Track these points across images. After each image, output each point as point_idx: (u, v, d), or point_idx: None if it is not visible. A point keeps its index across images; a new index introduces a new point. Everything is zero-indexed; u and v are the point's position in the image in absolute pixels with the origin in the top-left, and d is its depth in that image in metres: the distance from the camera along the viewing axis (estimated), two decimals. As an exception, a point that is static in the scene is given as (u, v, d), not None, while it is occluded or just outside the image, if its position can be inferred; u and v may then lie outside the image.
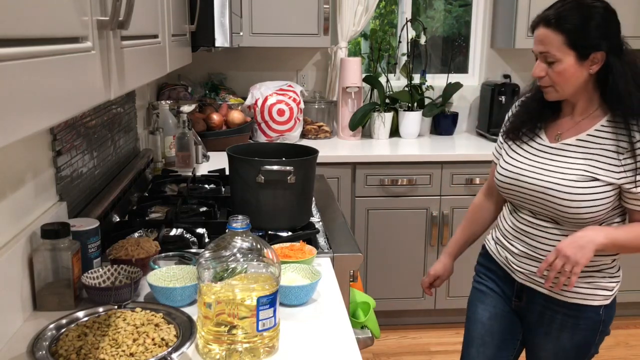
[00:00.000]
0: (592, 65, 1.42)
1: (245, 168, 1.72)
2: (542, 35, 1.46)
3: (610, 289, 1.57)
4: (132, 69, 0.97)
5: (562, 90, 1.47)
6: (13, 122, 0.53)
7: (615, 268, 1.59)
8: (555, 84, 1.46)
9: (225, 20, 1.94)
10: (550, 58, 1.43)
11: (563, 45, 1.41)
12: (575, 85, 1.45)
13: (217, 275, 1.10)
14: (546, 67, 1.45)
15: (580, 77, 1.44)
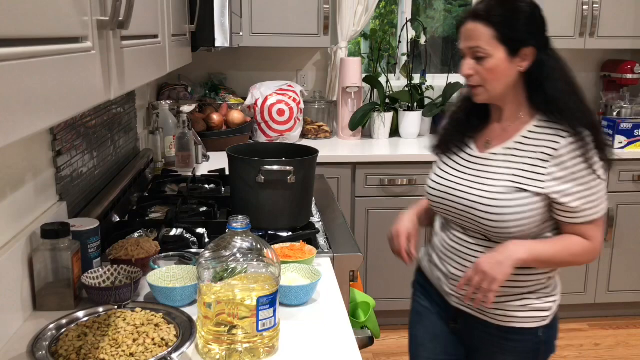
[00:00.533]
0: (522, 62, 1.35)
1: (245, 168, 1.72)
2: (471, 30, 1.36)
3: (546, 309, 1.47)
4: (132, 69, 0.97)
5: (493, 89, 1.38)
6: (13, 122, 0.53)
7: (551, 287, 1.49)
8: (486, 82, 1.37)
9: (225, 20, 1.94)
10: (480, 53, 1.35)
11: (493, 39, 1.34)
12: (506, 84, 1.37)
13: (217, 275, 1.11)
14: (475, 65, 1.37)
15: (511, 74, 1.36)
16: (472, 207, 1.39)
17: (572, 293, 3.28)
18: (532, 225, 1.37)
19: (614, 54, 3.62)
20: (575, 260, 1.41)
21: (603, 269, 3.26)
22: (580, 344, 3.11)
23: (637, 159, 3.14)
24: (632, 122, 3.18)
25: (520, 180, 1.36)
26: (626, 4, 3.27)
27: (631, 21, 3.30)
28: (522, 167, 1.36)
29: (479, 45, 1.35)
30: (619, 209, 3.20)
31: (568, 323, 3.31)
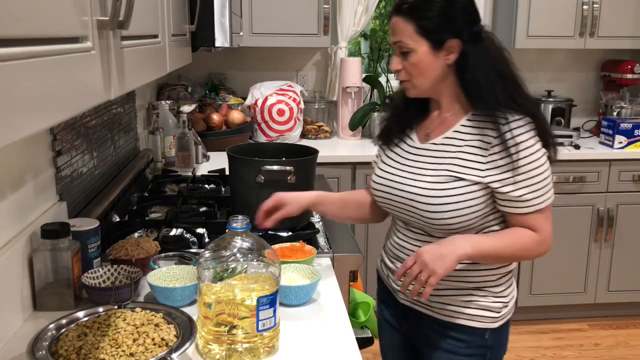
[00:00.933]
0: (449, 54, 1.32)
1: (245, 168, 1.72)
2: (395, 25, 1.34)
3: (495, 310, 1.39)
4: (132, 69, 0.97)
5: (420, 84, 1.36)
6: (13, 122, 0.53)
7: (502, 287, 1.41)
8: (412, 77, 1.35)
9: (225, 20, 1.94)
10: (404, 48, 1.33)
11: (415, 33, 1.31)
12: (433, 78, 1.34)
13: (217, 275, 1.11)
14: (401, 60, 1.35)
15: (437, 68, 1.33)
16: (411, 199, 1.36)
17: (572, 293, 3.28)
18: (474, 217, 1.32)
19: (614, 54, 3.62)
20: (525, 254, 1.36)
21: (603, 269, 3.26)
22: (580, 344, 3.11)
23: (637, 159, 3.14)
24: (632, 122, 3.18)
25: (458, 170, 1.32)
26: (626, 4, 3.27)
27: (631, 21, 3.30)
28: (461, 156, 1.33)
29: (401, 40, 1.32)
30: (619, 209, 3.20)
31: (568, 323, 3.31)
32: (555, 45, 3.33)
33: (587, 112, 3.71)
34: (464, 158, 1.32)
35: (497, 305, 1.40)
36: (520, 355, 2.99)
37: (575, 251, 3.23)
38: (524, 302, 3.26)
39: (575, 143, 3.23)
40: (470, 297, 1.39)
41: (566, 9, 3.26)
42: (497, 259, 1.36)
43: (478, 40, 1.33)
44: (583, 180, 3.14)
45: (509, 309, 1.44)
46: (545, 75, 3.69)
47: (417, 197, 1.35)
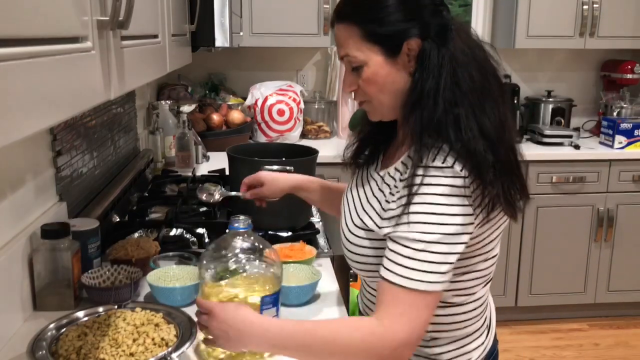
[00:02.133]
0: (410, 61, 1.00)
1: (245, 168, 1.71)
2: (337, 34, 1.04)
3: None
4: (132, 69, 0.97)
5: (380, 104, 1.05)
6: (13, 122, 0.53)
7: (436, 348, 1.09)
8: (369, 96, 1.05)
9: (225, 20, 1.94)
10: (353, 63, 1.03)
11: (361, 40, 1.00)
12: (396, 95, 1.02)
13: (218, 275, 1.10)
14: (354, 77, 1.05)
15: (398, 80, 1.01)
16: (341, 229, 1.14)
17: (572, 293, 3.28)
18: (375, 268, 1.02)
19: (614, 54, 3.62)
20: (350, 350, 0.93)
21: (603, 269, 3.26)
22: (580, 344, 3.11)
23: (637, 159, 3.14)
24: (632, 122, 3.18)
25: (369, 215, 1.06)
26: (626, 4, 3.27)
27: (631, 21, 3.30)
28: (372, 201, 1.07)
29: (347, 53, 1.03)
30: (619, 209, 3.20)
31: (568, 323, 3.31)
32: (555, 45, 3.33)
33: (587, 112, 3.71)
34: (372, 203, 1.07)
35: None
36: (520, 355, 2.99)
37: (575, 251, 3.23)
38: (524, 302, 3.26)
39: (575, 143, 3.23)
40: None
41: (566, 9, 3.26)
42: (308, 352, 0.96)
43: (443, 35, 1.00)
44: (583, 180, 3.14)
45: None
46: (545, 75, 3.69)
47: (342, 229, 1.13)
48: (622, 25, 3.30)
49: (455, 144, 0.95)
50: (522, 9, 3.24)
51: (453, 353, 1.09)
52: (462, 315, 1.08)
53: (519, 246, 3.20)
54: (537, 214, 3.16)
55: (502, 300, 3.24)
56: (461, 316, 1.08)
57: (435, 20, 1.00)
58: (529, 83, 3.68)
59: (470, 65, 1.00)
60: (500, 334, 1.29)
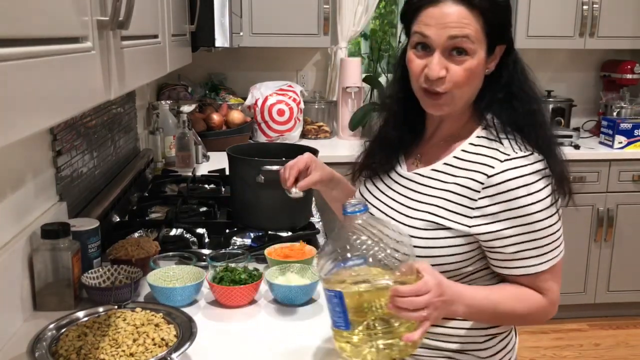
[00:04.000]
0: (491, 62, 1.08)
1: (245, 168, 1.72)
2: (456, 15, 1.02)
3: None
4: (132, 69, 0.97)
5: (461, 98, 1.07)
6: (13, 122, 0.53)
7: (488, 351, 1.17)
8: (458, 87, 1.05)
9: (225, 20, 1.94)
10: (464, 49, 1.03)
11: (481, 32, 1.03)
12: (475, 91, 1.09)
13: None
14: (452, 64, 1.04)
15: (481, 77, 1.08)
16: None
17: (572, 293, 3.28)
18: (460, 274, 1.10)
19: (613, 54, 3.62)
20: (526, 319, 1.14)
21: (603, 269, 3.26)
22: (580, 344, 3.11)
23: (637, 159, 3.14)
24: (632, 122, 3.18)
25: (443, 215, 1.07)
26: (626, 4, 3.27)
27: (631, 21, 3.30)
28: (448, 197, 1.08)
29: (467, 36, 1.02)
30: (619, 209, 3.20)
31: (568, 323, 3.31)
32: (555, 45, 3.33)
33: (587, 112, 3.71)
34: (451, 201, 1.07)
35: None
36: (520, 355, 2.98)
37: (575, 251, 3.23)
38: (524, 302, 3.26)
39: (575, 143, 3.23)
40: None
41: (566, 9, 3.26)
42: (491, 320, 1.13)
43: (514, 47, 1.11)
44: (583, 180, 3.14)
45: None
46: (545, 75, 3.69)
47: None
48: (622, 25, 3.30)
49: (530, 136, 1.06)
50: (522, 9, 3.24)
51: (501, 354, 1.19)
52: None
53: (519, 246, 3.20)
54: (537, 214, 3.16)
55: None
56: None
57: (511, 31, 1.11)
58: (529, 83, 3.67)
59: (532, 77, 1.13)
60: None
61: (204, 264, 1.47)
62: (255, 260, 1.54)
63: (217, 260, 1.45)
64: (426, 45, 1.06)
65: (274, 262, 1.47)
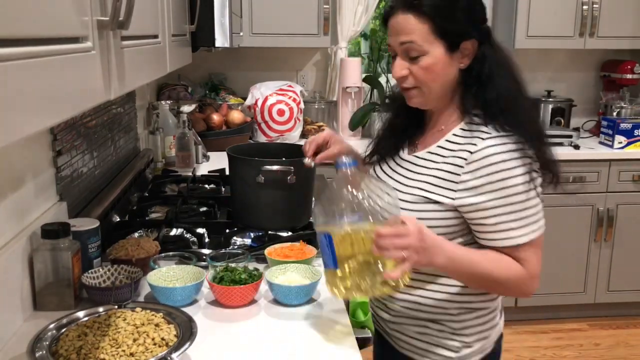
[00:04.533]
0: (463, 57, 1.17)
1: (245, 168, 1.72)
2: (403, 23, 1.16)
3: (453, 349, 1.24)
4: (132, 69, 0.97)
5: (429, 91, 1.19)
6: (13, 122, 0.53)
7: (463, 323, 1.24)
8: (422, 83, 1.18)
9: (225, 20, 1.94)
10: (414, 52, 1.16)
11: (430, 33, 1.14)
12: (444, 84, 1.19)
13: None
14: (408, 64, 1.18)
15: (450, 73, 1.18)
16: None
17: (572, 293, 3.28)
18: (449, 239, 1.17)
19: (613, 54, 3.62)
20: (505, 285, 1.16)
21: (603, 269, 3.26)
22: (580, 344, 3.11)
23: (637, 159, 3.14)
24: (632, 122, 3.18)
25: (431, 190, 1.18)
26: (626, 4, 3.27)
27: (631, 21, 3.30)
28: (437, 174, 1.18)
29: (412, 41, 1.15)
30: (619, 209, 3.21)
31: (568, 323, 3.31)
32: (555, 45, 3.33)
33: (587, 112, 3.71)
34: (439, 177, 1.18)
35: (454, 344, 1.24)
36: (520, 355, 2.99)
37: (575, 251, 3.23)
38: (524, 302, 3.26)
39: (575, 143, 3.23)
40: (424, 329, 1.26)
41: (566, 9, 3.26)
42: (470, 279, 1.18)
43: (491, 42, 1.20)
44: (583, 180, 3.14)
45: (474, 351, 1.26)
46: (545, 75, 3.69)
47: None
48: (621, 26, 3.30)
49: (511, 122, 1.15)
50: (522, 9, 3.24)
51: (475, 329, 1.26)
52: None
53: (519, 246, 3.20)
54: (537, 214, 3.16)
55: (502, 300, 3.24)
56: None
57: (486, 28, 1.20)
58: (529, 83, 3.61)
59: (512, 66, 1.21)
60: None
61: (204, 264, 1.47)
62: (255, 260, 1.54)
63: (217, 260, 1.45)
64: (393, 52, 1.22)
65: (274, 262, 1.47)
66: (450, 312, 1.24)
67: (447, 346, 1.25)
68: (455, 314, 1.24)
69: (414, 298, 1.25)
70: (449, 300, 1.23)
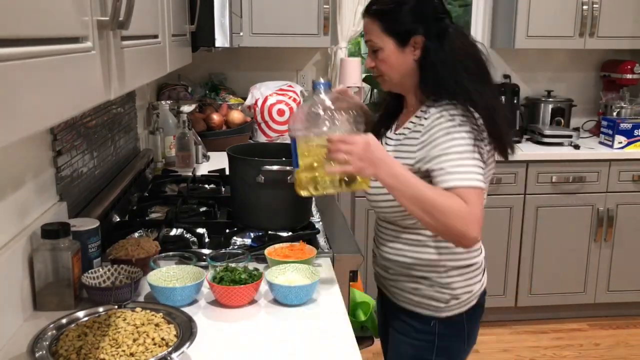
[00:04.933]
0: (415, 50, 1.40)
1: (245, 168, 1.72)
2: (365, 25, 1.46)
3: (442, 300, 1.46)
4: (132, 69, 0.97)
5: (390, 79, 1.45)
6: (13, 122, 0.53)
7: (450, 279, 1.46)
8: (383, 72, 1.45)
9: (225, 20, 1.94)
10: (373, 47, 1.44)
11: (381, 32, 1.41)
12: (401, 73, 1.42)
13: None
14: (374, 58, 1.46)
15: (405, 63, 1.41)
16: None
17: (572, 293, 3.28)
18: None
19: (613, 54, 3.62)
20: (443, 212, 1.25)
21: (603, 269, 3.26)
22: (580, 344, 3.11)
23: (637, 159, 3.14)
24: (632, 122, 3.18)
25: (401, 155, 1.40)
26: (626, 4, 3.27)
27: (631, 21, 3.30)
28: (406, 143, 1.42)
29: (370, 39, 1.44)
30: (619, 209, 3.21)
31: (568, 323, 3.31)
32: (555, 45, 3.33)
33: (587, 112, 3.71)
34: (406, 148, 1.41)
35: (444, 296, 1.46)
36: (520, 355, 3.00)
37: (575, 251, 3.23)
38: (524, 302, 3.26)
39: (575, 143, 3.23)
40: (417, 284, 1.47)
41: (566, 9, 3.26)
42: (412, 202, 1.28)
43: (443, 36, 1.39)
44: (583, 180, 3.14)
45: (461, 302, 1.47)
46: (545, 75, 3.69)
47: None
48: (621, 26, 3.30)
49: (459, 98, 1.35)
50: (522, 9, 3.24)
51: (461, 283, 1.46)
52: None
53: (519, 246, 3.20)
54: (537, 214, 3.16)
55: (502, 300, 3.24)
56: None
57: (437, 24, 1.40)
58: (529, 83, 3.68)
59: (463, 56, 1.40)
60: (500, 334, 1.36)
61: (204, 264, 1.47)
62: (255, 260, 1.54)
63: (217, 260, 1.45)
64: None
65: (274, 262, 1.47)
66: (438, 270, 1.45)
67: (437, 298, 1.46)
68: (443, 271, 1.45)
69: (408, 260, 1.47)
70: (437, 259, 1.44)
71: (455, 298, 1.47)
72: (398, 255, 1.48)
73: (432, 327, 1.48)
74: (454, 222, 1.26)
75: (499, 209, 3.13)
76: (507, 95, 3.41)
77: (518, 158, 3.09)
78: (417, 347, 1.51)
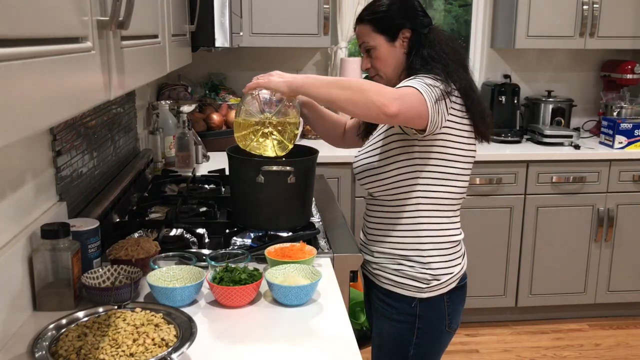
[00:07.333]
0: (404, 43, 1.56)
1: (245, 168, 1.71)
2: (358, 31, 1.62)
3: (422, 281, 1.55)
4: (132, 69, 0.97)
5: (385, 75, 1.59)
6: (13, 122, 0.53)
7: (430, 259, 1.56)
8: (378, 70, 1.59)
9: (225, 20, 1.94)
10: (367, 47, 1.59)
11: (373, 32, 1.57)
12: (393, 66, 1.58)
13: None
14: (369, 59, 1.61)
15: (396, 57, 1.57)
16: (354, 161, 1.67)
17: (572, 293, 3.28)
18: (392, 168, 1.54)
19: (614, 54, 3.62)
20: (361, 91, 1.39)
21: (603, 269, 3.26)
22: (580, 344, 3.11)
23: (637, 159, 3.14)
24: (632, 122, 3.18)
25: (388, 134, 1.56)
26: (626, 4, 3.27)
27: (631, 21, 3.30)
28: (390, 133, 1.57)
29: (364, 41, 1.60)
30: (619, 209, 3.21)
31: (568, 323, 3.31)
32: (555, 45, 3.34)
33: (587, 112, 3.71)
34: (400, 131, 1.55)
35: (425, 276, 1.55)
36: (520, 355, 2.99)
37: (575, 251, 3.23)
38: (524, 302, 3.26)
39: (575, 143, 3.23)
40: (398, 265, 1.57)
41: (566, 9, 3.26)
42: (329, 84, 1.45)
43: (427, 28, 1.56)
44: (583, 180, 3.14)
45: (441, 283, 1.56)
46: (545, 75, 3.69)
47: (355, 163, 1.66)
48: (622, 26, 3.30)
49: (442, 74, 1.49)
50: (522, 9, 3.24)
51: (441, 264, 1.56)
52: (445, 225, 1.57)
53: (519, 246, 3.20)
54: (537, 214, 3.16)
55: (502, 300, 3.24)
56: (445, 225, 1.57)
57: (420, 19, 1.57)
58: (529, 83, 3.68)
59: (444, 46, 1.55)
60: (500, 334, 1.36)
61: (204, 264, 1.47)
62: (255, 260, 1.54)
63: (217, 261, 1.45)
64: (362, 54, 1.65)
65: (274, 262, 1.47)
66: (420, 248, 1.55)
67: (418, 279, 1.55)
68: (424, 249, 1.55)
69: (391, 239, 1.58)
70: (418, 236, 1.55)
71: (436, 279, 1.55)
72: (381, 229, 1.60)
73: (414, 308, 1.56)
74: (372, 95, 1.37)
75: (499, 209, 3.13)
76: (507, 95, 3.41)
77: (518, 158, 3.09)
78: (398, 329, 1.59)
